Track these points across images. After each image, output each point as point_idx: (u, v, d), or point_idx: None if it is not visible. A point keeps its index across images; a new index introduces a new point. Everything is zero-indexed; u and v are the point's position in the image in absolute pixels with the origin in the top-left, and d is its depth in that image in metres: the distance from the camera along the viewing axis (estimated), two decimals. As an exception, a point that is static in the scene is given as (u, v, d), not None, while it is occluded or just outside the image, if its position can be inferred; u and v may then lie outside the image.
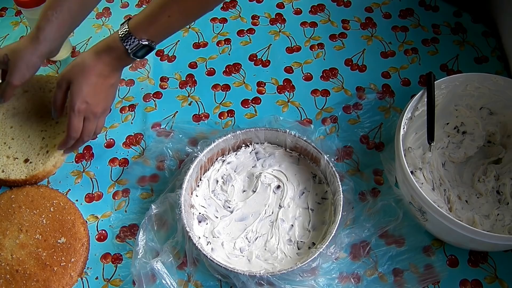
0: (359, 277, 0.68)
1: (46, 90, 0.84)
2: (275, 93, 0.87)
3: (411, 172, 0.69)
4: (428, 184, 0.71)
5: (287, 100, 0.86)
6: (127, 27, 0.67)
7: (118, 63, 0.71)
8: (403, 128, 0.69)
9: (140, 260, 0.67)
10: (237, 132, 0.75)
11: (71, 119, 0.71)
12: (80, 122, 0.71)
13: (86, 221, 0.75)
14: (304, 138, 0.74)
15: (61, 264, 0.69)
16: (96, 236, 0.74)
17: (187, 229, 0.67)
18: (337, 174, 0.70)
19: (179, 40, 0.94)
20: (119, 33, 0.68)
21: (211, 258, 0.65)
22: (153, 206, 0.71)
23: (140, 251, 0.68)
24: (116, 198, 0.77)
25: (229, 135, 0.75)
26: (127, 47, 0.68)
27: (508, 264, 0.69)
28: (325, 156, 0.72)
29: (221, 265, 0.64)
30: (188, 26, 0.96)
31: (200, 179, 0.75)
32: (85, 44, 0.94)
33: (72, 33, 0.96)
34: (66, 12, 0.72)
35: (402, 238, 0.70)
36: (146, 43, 0.68)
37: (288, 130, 0.75)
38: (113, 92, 0.74)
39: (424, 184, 0.71)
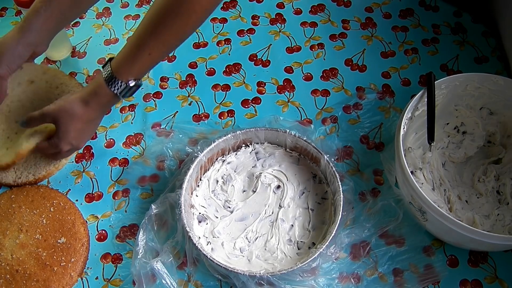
0: (359, 277, 0.68)
1: (53, 86, 0.83)
2: (275, 93, 0.87)
3: (411, 172, 0.69)
4: (428, 184, 0.71)
5: (287, 100, 0.86)
6: (110, 69, 0.66)
7: (106, 106, 0.71)
8: (403, 128, 0.69)
9: (140, 260, 0.67)
10: (237, 132, 0.75)
11: (56, 157, 0.75)
12: (63, 157, 0.76)
13: (86, 221, 0.75)
14: (304, 138, 0.74)
15: (61, 264, 0.69)
16: (96, 236, 0.74)
17: (187, 229, 0.67)
18: (337, 174, 0.70)
19: (179, 40, 0.94)
20: (103, 75, 0.67)
21: (211, 258, 0.65)
22: (153, 206, 0.71)
23: (140, 251, 0.68)
24: (116, 198, 0.77)
25: (229, 135, 0.75)
26: (115, 91, 0.67)
27: (508, 264, 0.69)
28: (325, 156, 0.72)
29: (221, 265, 0.64)
30: (188, 26, 0.96)
31: (200, 179, 0.75)
32: (85, 44, 0.94)
33: (72, 33, 0.96)
34: (55, 6, 0.72)
35: (402, 238, 0.70)
36: (133, 83, 0.67)
37: (288, 130, 0.75)
38: (96, 128, 0.76)
39: (424, 184, 0.71)
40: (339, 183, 0.69)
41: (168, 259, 0.68)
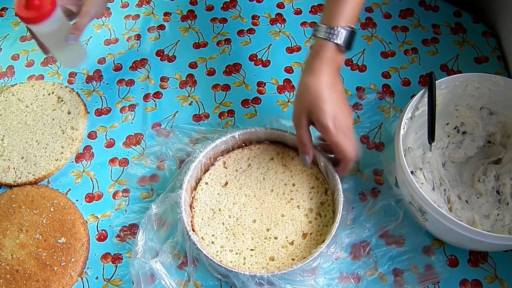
0: (359, 277, 0.68)
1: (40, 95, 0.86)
2: (275, 93, 0.87)
3: (411, 172, 0.69)
4: (428, 184, 0.71)
5: (287, 100, 0.86)
6: (322, 26, 0.64)
7: (333, 66, 0.65)
8: (403, 128, 0.69)
9: (139, 260, 0.67)
10: (237, 132, 0.75)
11: (339, 143, 0.64)
12: (345, 141, 0.65)
13: (86, 221, 0.75)
14: None
15: (61, 264, 0.69)
16: (96, 236, 0.74)
17: (188, 228, 0.67)
18: (337, 173, 0.70)
19: (179, 40, 0.94)
20: (319, 35, 0.64)
21: (211, 258, 0.65)
22: (153, 206, 0.71)
23: (139, 250, 0.68)
24: (116, 198, 0.77)
25: (228, 136, 0.75)
26: (337, 42, 0.63)
27: (508, 264, 0.69)
28: (325, 156, 0.72)
29: (221, 265, 0.64)
30: (188, 26, 0.96)
31: (200, 179, 0.75)
32: (85, 44, 0.94)
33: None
34: None
35: (402, 238, 0.70)
36: (351, 29, 0.64)
37: (288, 131, 0.75)
38: (346, 99, 0.68)
39: (424, 184, 0.71)
40: (339, 182, 0.69)
41: (167, 259, 0.68)
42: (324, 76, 0.64)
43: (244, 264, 0.67)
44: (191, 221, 0.70)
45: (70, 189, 0.78)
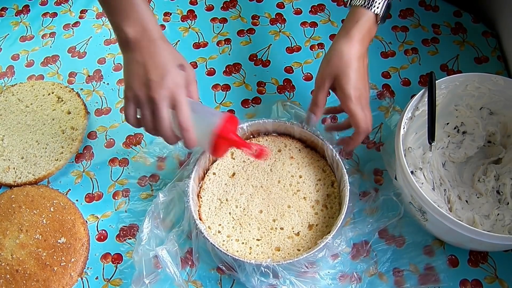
0: (360, 276, 0.68)
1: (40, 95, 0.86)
2: (275, 93, 0.87)
3: (411, 172, 0.69)
4: (428, 184, 0.71)
5: (287, 100, 0.86)
6: None
7: (368, 38, 0.67)
8: (403, 128, 0.69)
9: (144, 247, 0.67)
10: (245, 124, 0.75)
11: (356, 112, 0.65)
12: (362, 112, 0.66)
13: (86, 221, 0.75)
14: (311, 129, 0.74)
15: (61, 264, 0.69)
16: (96, 236, 0.74)
17: (195, 217, 0.67)
18: (344, 165, 0.70)
19: (179, 40, 0.94)
20: (358, 3, 0.65)
21: (218, 247, 0.65)
22: (160, 195, 0.71)
23: (144, 238, 0.68)
24: (116, 198, 0.77)
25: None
26: (376, 12, 0.65)
27: (508, 264, 0.69)
28: (333, 148, 0.71)
29: (228, 253, 0.64)
30: (188, 26, 0.96)
31: (208, 169, 0.75)
32: (85, 44, 0.94)
33: (72, 33, 0.96)
34: None
35: (402, 238, 0.71)
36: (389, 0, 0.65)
37: (295, 123, 0.75)
38: (367, 74, 0.69)
39: (424, 184, 0.71)
40: (346, 174, 0.69)
41: (173, 247, 0.68)
42: (359, 45, 0.66)
43: (250, 253, 0.67)
44: (198, 211, 0.71)
45: (70, 189, 0.78)
